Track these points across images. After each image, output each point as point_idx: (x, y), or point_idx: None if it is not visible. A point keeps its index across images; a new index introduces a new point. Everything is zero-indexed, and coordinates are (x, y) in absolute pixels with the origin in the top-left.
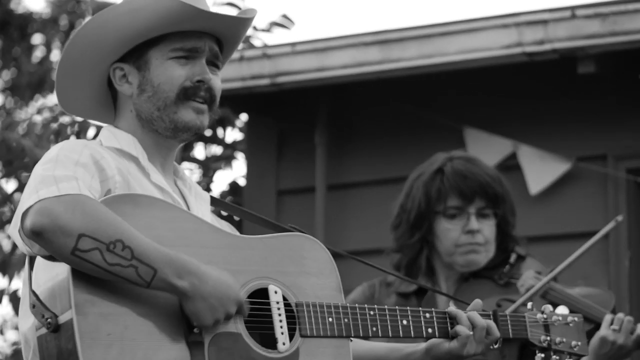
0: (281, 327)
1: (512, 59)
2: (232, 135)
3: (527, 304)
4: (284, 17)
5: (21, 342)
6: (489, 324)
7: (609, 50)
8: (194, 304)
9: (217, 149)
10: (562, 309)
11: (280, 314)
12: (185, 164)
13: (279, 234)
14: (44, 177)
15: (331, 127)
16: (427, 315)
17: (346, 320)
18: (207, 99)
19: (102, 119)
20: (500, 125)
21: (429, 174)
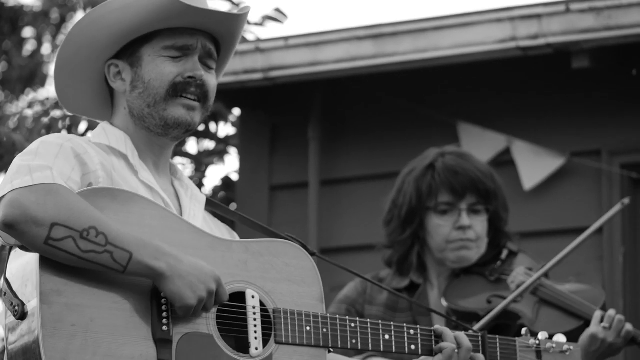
0: (255, 331)
1: (506, 53)
2: (225, 130)
3: (522, 330)
4: (277, 11)
5: None
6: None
7: (603, 45)
8: (173, 283)
9: (209, 144)
10: (560, 337)
11: (255, 319)
12: (177, 159)
13: (264, 239)
14: (20, 167)
15: (324, 122)
16: (412, 331)
17: (325, 330)
18: (198, 95)
19: (103, 117)
20: (494, 120)
21: (421, 169)
